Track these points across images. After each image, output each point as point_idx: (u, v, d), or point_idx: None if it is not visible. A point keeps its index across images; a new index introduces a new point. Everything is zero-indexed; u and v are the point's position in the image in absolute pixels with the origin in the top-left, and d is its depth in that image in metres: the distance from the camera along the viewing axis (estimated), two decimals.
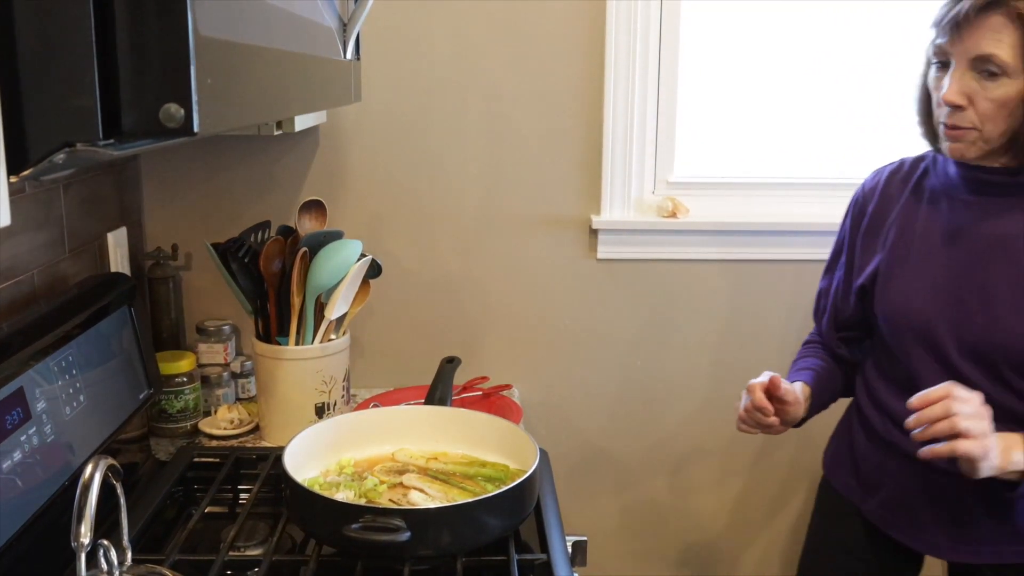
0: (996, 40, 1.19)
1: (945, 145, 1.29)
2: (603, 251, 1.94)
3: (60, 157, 0.56)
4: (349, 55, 1.31)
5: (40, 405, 1.17)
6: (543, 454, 1.43)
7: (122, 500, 0.91)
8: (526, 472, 1.26)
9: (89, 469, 0.83)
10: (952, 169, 1.34)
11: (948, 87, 1.25)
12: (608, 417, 2.04)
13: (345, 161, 1.88)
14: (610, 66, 1.85)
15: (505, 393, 1.89)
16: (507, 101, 1.87)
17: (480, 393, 1.87)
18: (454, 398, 1.69)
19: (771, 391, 1.35)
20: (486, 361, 1.98)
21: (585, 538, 1.38)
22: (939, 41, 1.27)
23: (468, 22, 1.83)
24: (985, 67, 1.21)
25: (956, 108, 1.24)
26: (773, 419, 1.36)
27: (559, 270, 1.95)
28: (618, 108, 1.87)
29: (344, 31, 1.28)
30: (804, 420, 1.45)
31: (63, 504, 1.19)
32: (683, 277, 1.97)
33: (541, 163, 1.90)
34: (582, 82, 1.87)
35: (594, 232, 1.93)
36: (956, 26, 1.23)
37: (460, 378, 1.77)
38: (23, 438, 1.12)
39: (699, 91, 1.94)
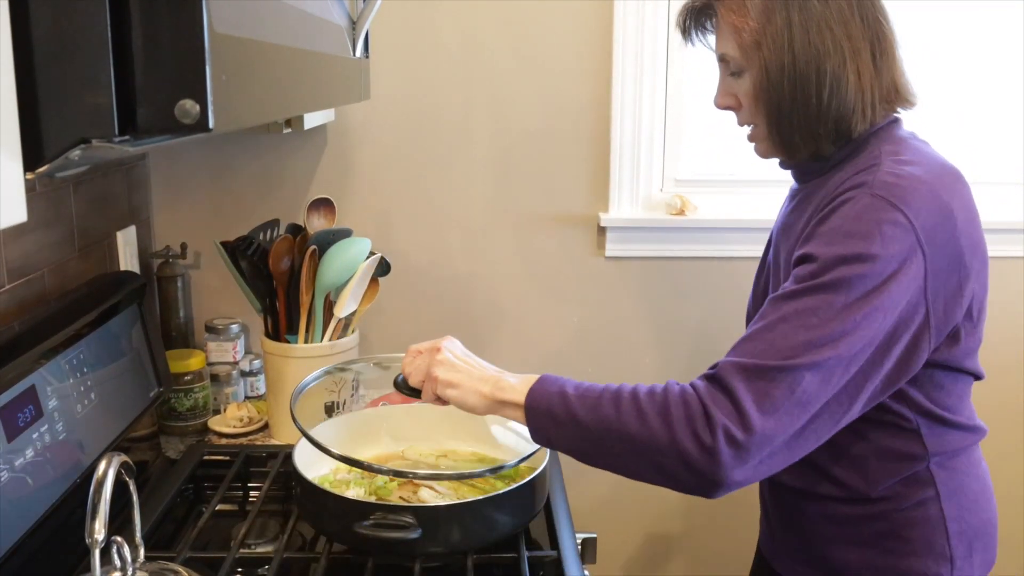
0: (723, 39, 1.16)
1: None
2: (611, 249, 1.94)
3: (76, 153, 0.57)
4: (358, 53, 1.31)
5: (51, 403, 1.18)
6: (553, 451, 1.43)
7: (135, 497, 0.91)
8: (536, 469, 1.26)
9: (103, 466, 0.84)
10: None
11: (717, 91, 1.22)
12: None
13: (354, 159, 1.88)
14: (618, 63, 1.85)
15: None
16: (515, 99, 1.87)
17: None
18: None
19: None
20: (494, 358, 1.95)
21: (595, 535, 1.38)
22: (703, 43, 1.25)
23: (476, 20, 1.83)
24: (728, 66, 1.18)
25: (731, 110, 1.21)
26: None
27: (567, 268, 1.95)
28: (626, 105, 1.87)
29: (353, 29, 1.28)
30: None
31: (75, 501, 1.20)
32: (691, 275, 1.97)
33: (549, 161, 1.90)
34: (590, 79, 1.87)
35: (602, 230, 1.93)
36: (686, 32, 1.22)
37: None
38: (35, 436, 1.13)
39: (708, 87, 1.94)
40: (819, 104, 1.10)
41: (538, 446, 1.23)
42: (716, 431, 0.98)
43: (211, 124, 0.56)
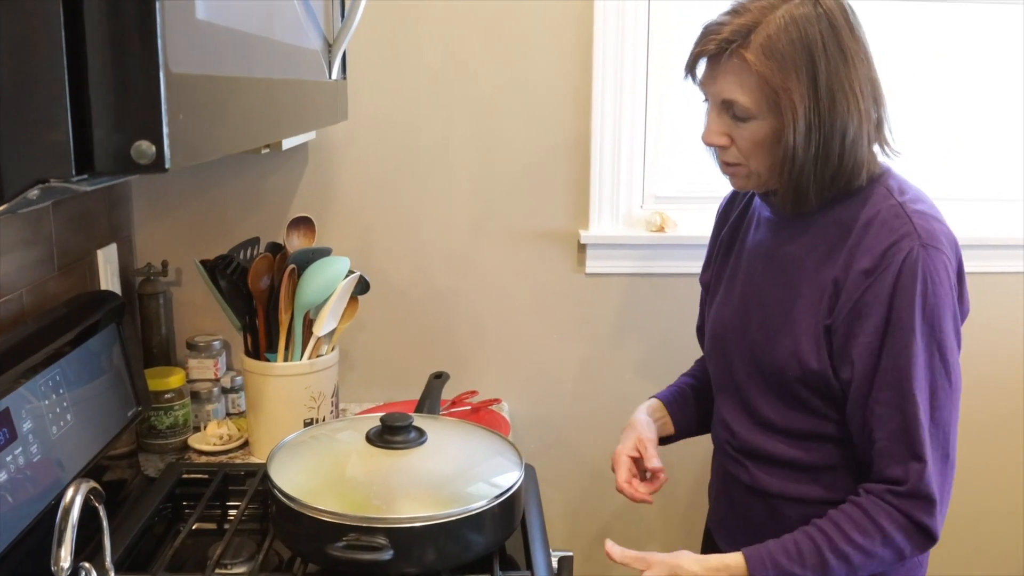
0: (737, 85, 1.16)
1: (726, 179, 1.29)
2: (591, 265, 1.95)
3: (34, 193, 0.57)
4: (335, 75, 1.32)
5: (26, 425, 1.18)
6: (529, 468, 1.44)
7: (104, 523, 0.92)
8: (510, 488, 1.27)
9: (70, 493, 0.84)
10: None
11: (706, 127, 1.23)
12: (597, 431, 2.04)
13: (334, 177, 1.89)
14: (598, 80, 1.86)
15: (494, 407, 1.89)
16: (495, 116, 1.88)
17: (469, 407, 1.87)
18: (444, 412, 1.69)
19: (639, 463, 1.41)
20: (475, 375, 1.98)
21: (571, 553, 1.38)
22: (695, 80, 1.25)
23: (456, 37, 1.84)
24: (732, 111, 1.19)
25: (720, 147, 1.23)
26: (645, 497, 1.38)
27: (548, 284, 1.96)
28: (606, 122, 1.88)
29: (329, 52, 1.29)
30: (674, 437, 1.52)
31: (50, 524, 1.19)
32: (671, 291, 1.98)
33: (529, 178, 1.91)
34: (570, 95, 1.88)
35: (582, 247, 1.94)
36: (693, 69, 1.22)
37: (449, 392, 1.77)
38: (8, 458, 1.13)
39: (687, 104, 1.95)
40: (839, 164, 1.17)
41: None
42: (935, 530, 1.18)
43: (167, 164, 0.57)
